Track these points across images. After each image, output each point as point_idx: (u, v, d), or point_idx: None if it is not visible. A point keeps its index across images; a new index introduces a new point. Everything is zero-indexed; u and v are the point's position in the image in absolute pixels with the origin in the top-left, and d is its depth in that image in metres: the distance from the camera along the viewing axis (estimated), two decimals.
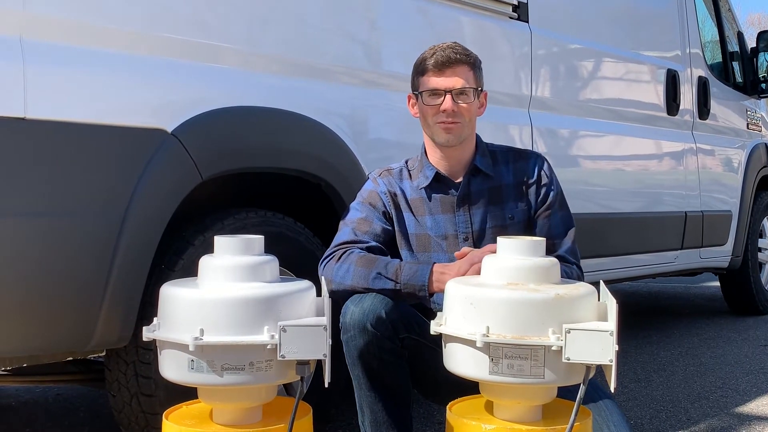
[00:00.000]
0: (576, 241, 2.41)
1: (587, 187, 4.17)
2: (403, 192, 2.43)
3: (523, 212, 2.41)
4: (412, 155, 2.50)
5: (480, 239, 2.38)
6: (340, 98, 2.95)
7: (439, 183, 2.42)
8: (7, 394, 3.81)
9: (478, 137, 2.45)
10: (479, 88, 2.37)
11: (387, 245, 2.39)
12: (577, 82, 4.19)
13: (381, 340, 2.13)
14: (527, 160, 2.46)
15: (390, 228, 2.41)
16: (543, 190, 2.42)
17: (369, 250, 2.32)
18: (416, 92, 2.38)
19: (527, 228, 2.39)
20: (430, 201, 2.41)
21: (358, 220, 2.38)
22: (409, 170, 2.47)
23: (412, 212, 2.42)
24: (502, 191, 2.41)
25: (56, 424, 3.36)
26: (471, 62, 2.35)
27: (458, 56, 2.33)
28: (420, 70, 2.37)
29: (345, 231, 2.37)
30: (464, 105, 2.32)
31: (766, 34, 5.72)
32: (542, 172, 2.44)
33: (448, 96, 2.31)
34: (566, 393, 1.98)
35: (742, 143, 5.69)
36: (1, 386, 3.79)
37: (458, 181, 2.41)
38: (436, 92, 2.33)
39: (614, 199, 4.39)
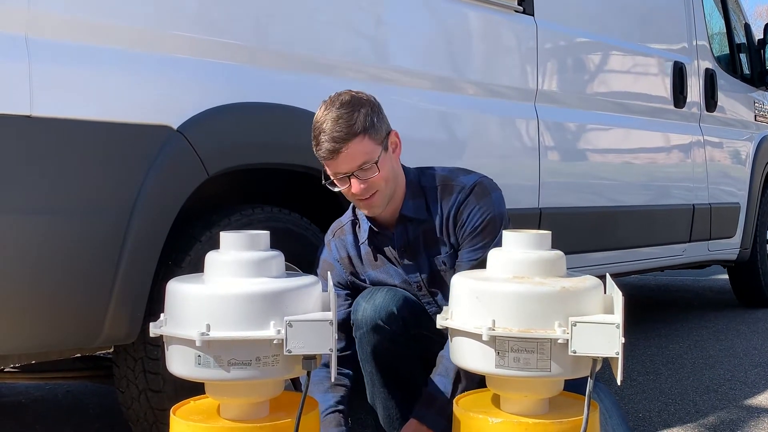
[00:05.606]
0: None
1: (594, 180, 4.17)
2: (357, 250, 2.36)
3: (450, 256, 2.27)
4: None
5: (432, 284, 2.31)
6: None
7: (377, 236, 2.33)
8: (17, 391, 3.83)
9: (408, 174, 2.29)
10: (383, 148, 2.18)
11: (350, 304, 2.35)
12: (584, 75, 4.18)
13: (393, 336, 2.13)
14: (450, 195, 2.27)
15: (345, 291, 2.36)
16: (461, 228, 2.25)
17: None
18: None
19: None
20: (375, 259, 2.34)
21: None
22: (358, 219, 2.37)
23: (370, 266, 2.37)
24: (435, 233, 2.29)
25: (66, 420, 3.37)
26: (360, 130, 2.13)
27: (343, 134, 2.12)
28: (315, 152, 2.19)
29: None
30: (372, 178, 2.17)
31: None
32: (460, 208, 2.24)
33: (353, 179, 2.15)
34: (572, 386, 1.98)
35: (750, 135, 5.67)
36: (12, 383, 3.81)
37: (393, 230, 2.31)
38: (338, 177, 2.19)
39: (622, 192, 4.37)
